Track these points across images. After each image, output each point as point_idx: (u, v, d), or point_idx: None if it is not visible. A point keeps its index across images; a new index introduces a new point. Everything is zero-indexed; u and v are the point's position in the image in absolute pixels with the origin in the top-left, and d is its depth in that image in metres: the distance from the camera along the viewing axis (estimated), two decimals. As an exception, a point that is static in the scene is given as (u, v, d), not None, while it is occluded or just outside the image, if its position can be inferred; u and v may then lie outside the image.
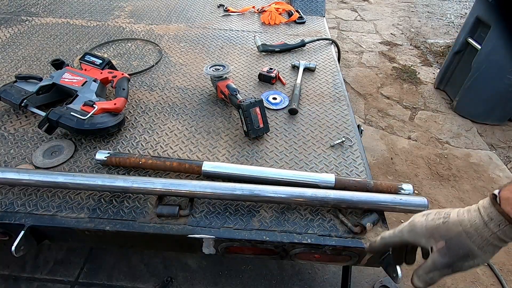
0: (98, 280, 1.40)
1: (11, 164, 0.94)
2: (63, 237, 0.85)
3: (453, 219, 0.52)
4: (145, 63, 1.41)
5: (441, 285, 1.48)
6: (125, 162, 0.91)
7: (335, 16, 4.13)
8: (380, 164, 2.12)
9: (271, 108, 1.19)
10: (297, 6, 1.92)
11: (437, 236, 0.53)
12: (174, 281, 1.41)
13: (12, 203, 0.83)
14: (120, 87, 1.12)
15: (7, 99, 1.07)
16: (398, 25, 4.00)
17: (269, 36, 1.67)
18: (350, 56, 3.32)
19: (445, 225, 0.53)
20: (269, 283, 1.43)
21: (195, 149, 1.02)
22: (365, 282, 1.46)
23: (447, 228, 0.52)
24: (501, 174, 2.08)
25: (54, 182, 0.83)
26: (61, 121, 0.97)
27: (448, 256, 0.53)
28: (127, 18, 1.77)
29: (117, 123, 1.02)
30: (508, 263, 1.58)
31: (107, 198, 0.85)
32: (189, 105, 1.20)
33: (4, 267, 1.42)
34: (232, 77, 1.36)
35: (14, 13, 1.74)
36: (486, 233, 0.49)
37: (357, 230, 0.79)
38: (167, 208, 0.81)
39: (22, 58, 1.40)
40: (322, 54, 1.54)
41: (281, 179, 0.87)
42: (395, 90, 2.85)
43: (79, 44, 1.52)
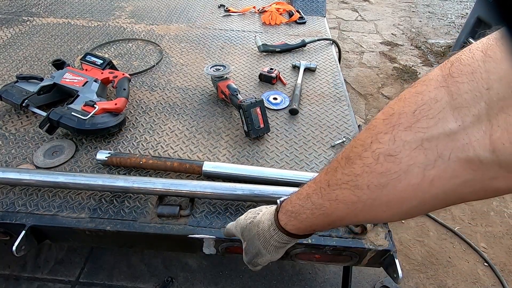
0: (98, 280, 1.41)
1: (12, 164, 0.94)
2: (63, 237, 0.85)
3: (256, 220, 0.58)
4: (146, 63, 1.41)
5: (441, 285, 1.48)
6: (126, 162, 0.91)
7: (335, 16, 4.13)
8: (380, 164, 2.11)
9: (272, 108, 1.19)
10: (298, 6, 1.92)
11: (244, 236, 0.60)
12: (174, 281, 1.41)
13: (13, 203, 0.83)
14: (121, 87, 1.12)
15: (8, 99, 1.07)
16: (399, 25, 3.99)
17: (270, 36, 1.67)
18: (351, 56, 3.31)
19: (250, 226, 0.59)
20: (269, 283, 1.43)
21: (196, 149, 1.02)
22: (366, 282, 1.46)
23: (249, 229, 0.59)
24: (502, 174, 2.08)
25: (55, 182, 0.83)
26: (62, 121, 0.97)
27: (248, 255, 0.60)
28: (128, 18, 1.77)
29: (118, 123, 1.02)
30: (509, 264, 1.58)
31: (107, 198, 0.86)
32: (190, 105, 1.20)
33: (5, 267, 1.42)
34: (233, 77, 1.36)
35: (15, 14, 1.74)
36: (268, 236, 0.55)
37: (358, 230, 0.79)
38: (167, 208, 0.81)
39: (23, 58, 1.40)
40: (323, 54, 1.54)
41: (281, 179, 0.87)
42: (396, 90, 2.84)
43: (80, 44, 1.52)
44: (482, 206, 1.85)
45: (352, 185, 0.38)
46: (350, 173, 0.38)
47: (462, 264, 1.57)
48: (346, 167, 0.39)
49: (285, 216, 0.51)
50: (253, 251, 0.59)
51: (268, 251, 0.56)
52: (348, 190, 0.39)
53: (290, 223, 0.51)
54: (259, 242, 0.57)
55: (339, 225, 0.48)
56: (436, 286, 1.48)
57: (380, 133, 0.35)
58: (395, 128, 0.34)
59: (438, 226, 1.73)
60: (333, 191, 0.41)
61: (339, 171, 0.40)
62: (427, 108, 0.32)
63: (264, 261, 0.60)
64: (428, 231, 1.71)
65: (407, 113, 0.33)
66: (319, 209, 0.44)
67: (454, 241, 1.67)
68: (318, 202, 0.44)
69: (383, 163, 0.35)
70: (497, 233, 1.72)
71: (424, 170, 0.32)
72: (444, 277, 1.51)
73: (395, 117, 0.34)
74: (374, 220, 0.43)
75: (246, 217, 0.61)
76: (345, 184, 0.39)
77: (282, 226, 0.52)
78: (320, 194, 0.43)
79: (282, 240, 0.54)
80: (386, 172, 0.35)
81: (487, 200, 1.88)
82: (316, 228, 0.50)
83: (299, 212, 0.48)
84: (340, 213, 0.42)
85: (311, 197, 0.45)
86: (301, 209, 0.48)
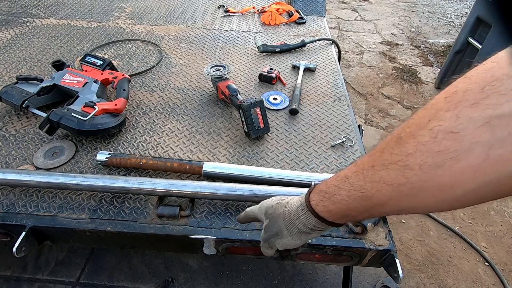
0: (99, 280, 1.41)
1: (12, 165, 0.94)
2: (64, 237, 0.85)
3: (284, 202, 0.57)
4: (146, 64, 1.41)
5: (442, 285, 1.48)
6: (126, 162, 0.91)
7: (335, 16, 4.13)
8: (381, 164, 2.11)
9: (272, 108, 1.19)
10: (298, 6, 1.92)
11: (268, 214, 0.59)
12: (175, 281, 1.41)
13: (13, 204, 0.83)
14: (121, 88, 1.12)
15: (8, 100, 1.07)
16: (398, 25, 3.99)
17: (270, 36, 1.67)
18: (351, 56, 3.31)
19: (276, 205, 0.58)
20: (270, 284, 1.43)
21: (196, 149, 1.02)
22: (366, 282, 1.46)
23: (275, 208, 0.58)
24: (503, 173, 2.08)
25: (55, 183, 0.83)
26: (62, 122, 0.97)
27: (266, 233, 0.59)
28: (128, 19, 1.77)
29: (117, 124, 1.02)
30: (510, 263, 1.58)
31: (108, 199, 0.86)
32: (190, 105, 1.20)
33: (6, 268, 1.42)
34: (233, 77, 1.36)
35: (15, 15, 1.75)
36: (294, 216, 0.53)
37: (358, 231, 0.79)
38: (168, 208, 0.81)
39: (23, 59, 1.40)
40: (323, 54, 1.54)
41: (281, 179, 0.87)
42: (395, 90, 2.84)
43: (80, 45, 1.52)
44: (482, 206, 1.84)
45: (402, 165, 0.36)
46: (400, 153, 0.36)
47: (463, 263, 1.57)
48: (395, 148, 0.37)
49: (317, 196, 0.50)
50: (274, 230, 0.57)
51: (290, 232, 0.54)
52: (396, 171, 0.37)
53: (321, 203, 0.49)
54: (283, 221, 0.55)
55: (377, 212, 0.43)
56: (437, 285, 1.48)
57: (440, 111, 0.33)
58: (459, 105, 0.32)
59: (439, 226, 1.73)
60: (377, 172, 0.39)
61: (386, 152, 0.38)
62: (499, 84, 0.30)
63: (282, 243, 0.57)
64: (428, 231, 1.71)
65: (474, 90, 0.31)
66: (358, 191, 0.42)
67: (455, 240, 1.67)
68: (358, 183, 0.42)
69: (441, 141, 0.33)
70: (498, 233, 1.72)
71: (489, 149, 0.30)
72: (444, 277, 1.51)
73: (459, 94, 0.32)
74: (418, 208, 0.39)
75: (273, 200, 0.60)
76: (393, 164, 0.37)
77: (312, 206, 0.50)
78: (362, 175, 0.42)
79: (309, 224, 0.51)
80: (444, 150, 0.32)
81: (487, 200, 1.88)
82: (350, 213, 0.47)
83: (333, 192, 0.46)
84: (382, 197, 0.40)
85: (350, 178, 0.44)
86: (336, 190, 0.46)
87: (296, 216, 0.53)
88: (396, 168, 0.37)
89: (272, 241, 0.58)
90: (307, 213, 0.51)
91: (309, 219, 0.51)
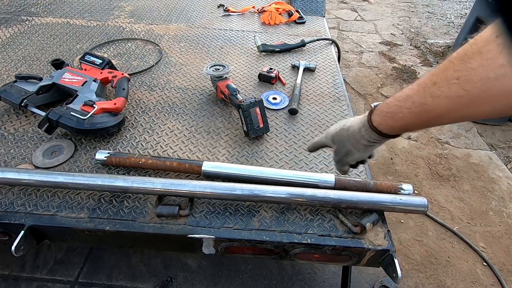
0: (98, 280, 1.40)
1: (11, 164, 0.94)
2: (63, 237, 0.85)
3: (346, 126, 0.67)
4: (145, 63, 1.41)
5: (441, 285, 1.48)
6: (125, 162, 0.91)
7: (335, 16, 4.13)
8: (380, 164, 2.12)
9: (271, 108, 1.19)
10: (297, 6, 1.92)
11: (335, 140, 0.70)
12: (174, 281, 1.41)
13: (12, 203, 0.83)
14: (120, 87, 1.12)
15: (7, 99, 1.07)
16: (398, 25, 4.00)
17: (269, 36, 1.67)
18: (350, 56, 3.32)
19: (340, 131, 0.68)
20: (269, 283, 1.43)
21: (195, 149, 1.02)
22: (365, 282, 1.47)
23: (340, 134, 0.68)
24: (501, 174, 2.08)
25: (54, 182, 0.83)
26: (61, 121, 0.97)
27: (337, 155, 0.71)
28: (127, 18, 1.77)
29: (117, 123, 1.02)
30: (508, 263, 1.59)
31: (107, 198, 0.85)
32: (189, 105, 1.20)
33: (4, 267, 1.42)
34: (232, 77, 1.36)
35: (14, 13, 1.74)
36: (358, 136, 0.63)
37: (357, 230, 0.79)
38: (167, 208, 0.81)
39: (22, 58, 1.40)
40: (322, 54, 1.54)
41: (281, 179, 0.87)
42: (395, 90, 2.84)
43: (79, 44, 1.52)
44: (481, 206, 1.85)
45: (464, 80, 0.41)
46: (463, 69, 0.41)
47: (461, 263, 1.57)
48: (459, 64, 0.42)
49: (380, 117, 0.57)
50: (343, 151, 0.68)
51: (357, 149, 0.65)
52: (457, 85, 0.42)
53: (384, 122, 0.57)
54: (349, 143, 0.65)
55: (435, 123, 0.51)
56: (435, 285, 1.49)
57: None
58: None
59: (437, 226, 1.73)
60: (439, 88, 0.45)
61: (450, 70, 0.43)
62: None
63: (353, 159, 0.68)
64: (427, 231, 1.71)
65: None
66: (419, 107, 0.49)
67: (453, 240, 1.67)
68: (419, 101, 0.48)
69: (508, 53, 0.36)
70: (496, 233, 1.72)
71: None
72: (443, 277, 1.52)
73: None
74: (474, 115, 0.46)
75: (336, 126, 0.70)
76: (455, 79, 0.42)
77: (376, 126, 0.58)
78: (423, 93, 0.48)
79: (372, 139, 0.61)
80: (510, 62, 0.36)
81: (486, 200, 1.89)
82: (409, 127, 0.55)
83: (395, 112, 0.53)
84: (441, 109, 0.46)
85: (412, 97, 0.50)
86: (398, 109, 0.53)
87: (360, 136, 0.62)
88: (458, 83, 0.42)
89: (345, 160, 0.69)
90: (370, 131, 0.60)
91: (372, 135, 0.60)
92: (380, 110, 0.57)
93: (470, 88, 0.41)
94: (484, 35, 0.40)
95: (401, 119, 0.53)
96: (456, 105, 0.44)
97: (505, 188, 1.98)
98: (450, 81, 0.43)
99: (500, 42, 0.37)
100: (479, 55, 0.39)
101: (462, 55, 0.42)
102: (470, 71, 0.40)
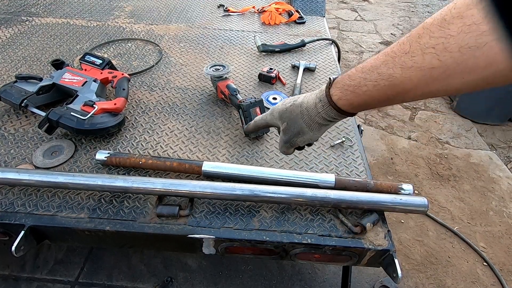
0: (98, 280, 1.41)
1: (11, 164, 0.94)
2: (63, 237, 0.85)
3: (298, 102, 0.59)
4: (145, 63, 1.41)
5: (441, 285, 1.48)
6: (125, 162, 0.91)
7: (335, 16, 4.13)
8: (380, 164, 2.12)
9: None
10: (297, 6, 1.92)
11: (284, 117, 0.61)
12: (174, 281, 1.41)
13: (12, 203, 0.83)
14: (120, 87, 1.12)
15: (7, 99, 1.07)
16: (398, 25, 4.00)
17: (269, 36, 1.67)
18: (350, 56, 3.32)
19: (291, 107, 0.59)
20: (269, 283, 1.43)
21: (195, 149, 1.02)
22: (365, 282, 1.47)
23: (291, 110, 0.59)
24: (501, 174, 2.08)
25: (54, 182, 0.83)
26: (61, 121, 0.97)
27: (287, 135, 0.62)
28: (127, 18, 1.77)
29: (117, 123, 1.02)
30: (508, 263, 1.58)
31: (107, 198, 0.85)
32: (189, 105, 1.20)
33: (4, 267, 1.42)
34: (232, 77, 1.36)
35: (14, 13, 1.74)
36: (314, 113, 0.55)
37: (357, 230, 0.79)
38: (167, 208, 0.81)
39: (22, 58, 1.40)
40: (322, 54, 1.54)
41: (281, 179, 0.87)
42: (395, 90, 2.84)
43: (79, 44, 1.52)
44: (481, 206, 1.85)
45: (440, 48, 0.37)
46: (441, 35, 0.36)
47: (462, 263, 1.57)
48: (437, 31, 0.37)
49: (340, 91, 0.50)
50: (294, 130, 0.59)
51: (310, 128, 0.57)
52: (432, 55, 0.37)
53: (345, 97, 0.50)
54: (302, 120, 0.57)
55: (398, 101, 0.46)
56: (436, 285, 1.49)
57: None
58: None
59: (438, 226, 1.73)
60: (412, 57, 0.39)
61: (425, 37, 0.38)
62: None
63: (304, 140, 0.60)
64: (427, 231, 1.71)
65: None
66: (386, 80, 0.43)
67: (454, 240, 1.67)
68: (387, 72, 0.43)
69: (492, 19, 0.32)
70: (496, 233, 1.72)
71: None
72: (443, 277, 1.52)
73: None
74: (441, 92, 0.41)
75: (284, 103, 0.62)
76: (431, 48, 0.37)
77: (334, 101, 0.51)
78: (392, 63, 0.42)
79: (328, 117, 0.54)
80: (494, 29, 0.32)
81: (486, 200, 1.89)
82: (370, 103, 0.48)
83: (359, 85, 0.47)
84: (410, 83, 0.41)
85: (379, 68, 0.44)
86: (362, 81, 0.46)
87: (315, 113, 0.54)
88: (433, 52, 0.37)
89: (294, 140, 0.61)
90: (328, 108, 0.52)
91: (330, 112, 0.52)
92: (341, 83, 0.50)
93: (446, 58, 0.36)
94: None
95: (364, 93, 0.46)
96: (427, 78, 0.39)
97: (505, 188, 1.98)
98: (425, 50, 0.38)
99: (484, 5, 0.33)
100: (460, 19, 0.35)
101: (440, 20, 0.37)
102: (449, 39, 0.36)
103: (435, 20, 0.38)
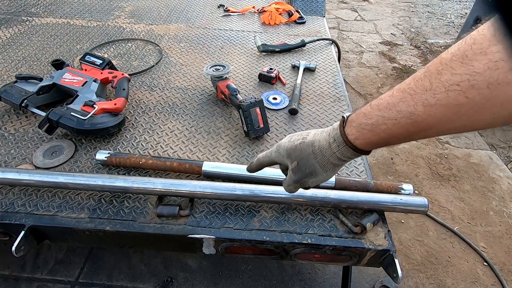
0: (98, 280, 1.41)
1: (12, 164, 0.94)
2: (63, 237, 0.85)
3: (308, 140, 0.56)
4: (145, 63, 1.41)
5: (441, 285, 1.48)
6: (126, 162, 0.91)
7: (335, 16, 4.13)
8: (380, 164, 2.12)
9: (271, 108, 1.19)
10: (297, 6, 1.92)
11: (293, 156, 0.57)
12: (174, 281, 1.41)
13: (12, 203, 0.83)
14: (120, 87, 1.12)
15: (8, 99, 1.07)
16: (398, 25, 4.00)
17: (269, 36, 1.67)
18: (350, 56, 3.32)
19: (301, 146, 0.56)
20: (269, 283, 1.43)
21: (195, 149, 1.02)
22: (365, 282, 1.46)
23: (301, 149, 0.56)
24: (502, 174, 2.08)
25: (55, 182, 0.83)
26: (61, 121, 0.97)
27: (298, 174, 0.58)
28: (127, 18, 1.77)
29: (117, 123, 1.02)
30: (509, 263, 1.58)
31: (107, 198, 0.85)
32: (189, 105, 1.20)
33: (5, 267, 1.42)
34: (232, 77, 1.36)
35: (14, 14, 1.74)
36: (328, 153, 0.52)
37: (357, 230, 0.79)
38: (167, 208, 0.81)
39: (22, 58, 1.40)
40: (322, 54, 1.54)
41: (281, 179, 0.87)
42: (395, 90, 2.84)
43: (79, 44, 1.52)
44: (481, 206, 1.85)
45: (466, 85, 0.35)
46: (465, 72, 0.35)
47: (462, 263, 1.57)
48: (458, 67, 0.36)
49: (357, 130, 0.48)
50: (306, 171, 0.56)
51: (325, 169, 0.54)
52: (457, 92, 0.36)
53: (362, 136, 0.48)
54: (315, 160, 0.54)
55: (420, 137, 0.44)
56: (436, 285, 1.49)
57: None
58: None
59: (438, 226, 1.73)
60: (434, 95, 0.38)
61: (445, 73, 0.37)
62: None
63: (317, 181, 0.57)
64: (427, 231, 1.71)
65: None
66: (407, 118, 0.42)
67: (454, 240, 1.67)
68: (408, 110, 0.41)
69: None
70: (497, 233, 1.72)
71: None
72: (443, 277, 1.52)
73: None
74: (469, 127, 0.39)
75: (291, 139, 0.59)
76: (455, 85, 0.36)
77: (351, 141, 0.49)
78: (412, 101, 0.40)
79: (344, 157, 0.51)
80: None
81: (486, 200, 1.89)
82: (389, 141, 0.47)
83: (377, 123, 0.45)
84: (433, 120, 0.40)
85: (397, 105, 0.42)
86: (380, 120, 0.45)
87: (330, 153, 0.52)
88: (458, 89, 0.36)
89: (306, 181, 0.58)
90: (343, 148, 0.50)
91: (346, 152, 0.50)
92: (356, 122, 0.48)
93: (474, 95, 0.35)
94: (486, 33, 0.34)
95: (383, 131, 0.45)
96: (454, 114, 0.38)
97: (506, 188, 1.98)
98: (449, 88, 0.37)
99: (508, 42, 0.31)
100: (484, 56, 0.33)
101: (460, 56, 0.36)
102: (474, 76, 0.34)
103: (455, 56, 0.37)
